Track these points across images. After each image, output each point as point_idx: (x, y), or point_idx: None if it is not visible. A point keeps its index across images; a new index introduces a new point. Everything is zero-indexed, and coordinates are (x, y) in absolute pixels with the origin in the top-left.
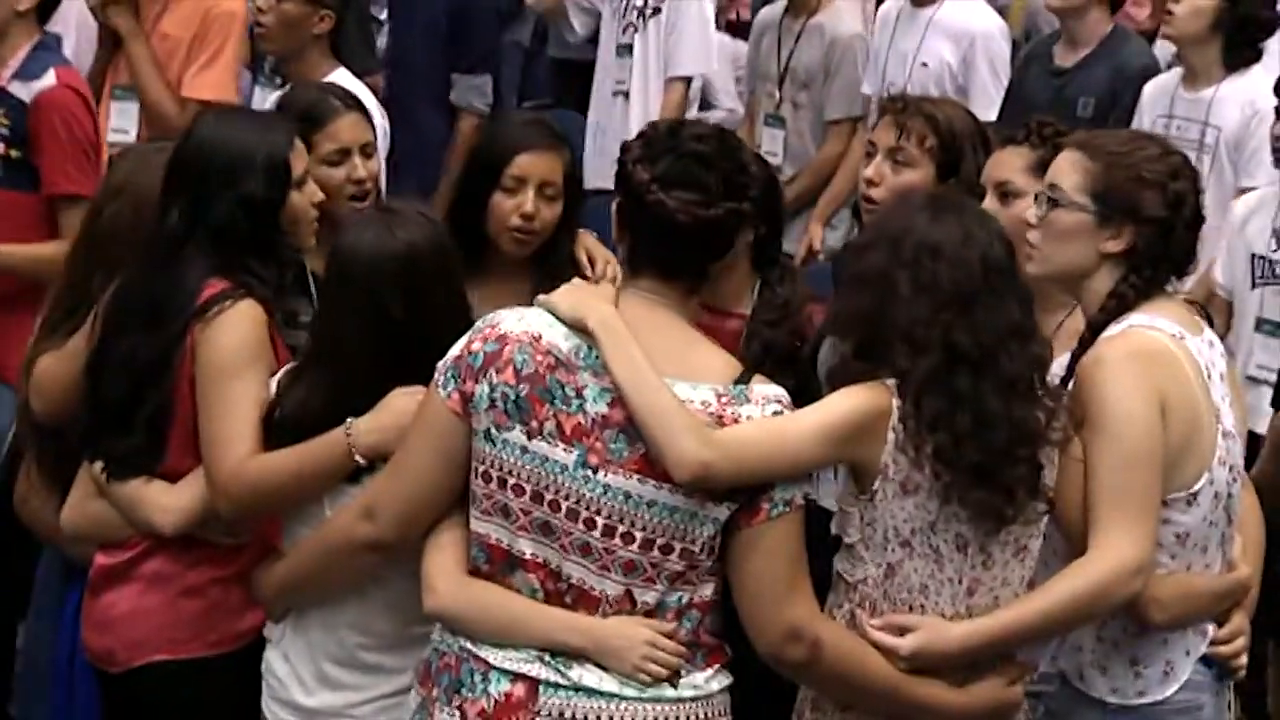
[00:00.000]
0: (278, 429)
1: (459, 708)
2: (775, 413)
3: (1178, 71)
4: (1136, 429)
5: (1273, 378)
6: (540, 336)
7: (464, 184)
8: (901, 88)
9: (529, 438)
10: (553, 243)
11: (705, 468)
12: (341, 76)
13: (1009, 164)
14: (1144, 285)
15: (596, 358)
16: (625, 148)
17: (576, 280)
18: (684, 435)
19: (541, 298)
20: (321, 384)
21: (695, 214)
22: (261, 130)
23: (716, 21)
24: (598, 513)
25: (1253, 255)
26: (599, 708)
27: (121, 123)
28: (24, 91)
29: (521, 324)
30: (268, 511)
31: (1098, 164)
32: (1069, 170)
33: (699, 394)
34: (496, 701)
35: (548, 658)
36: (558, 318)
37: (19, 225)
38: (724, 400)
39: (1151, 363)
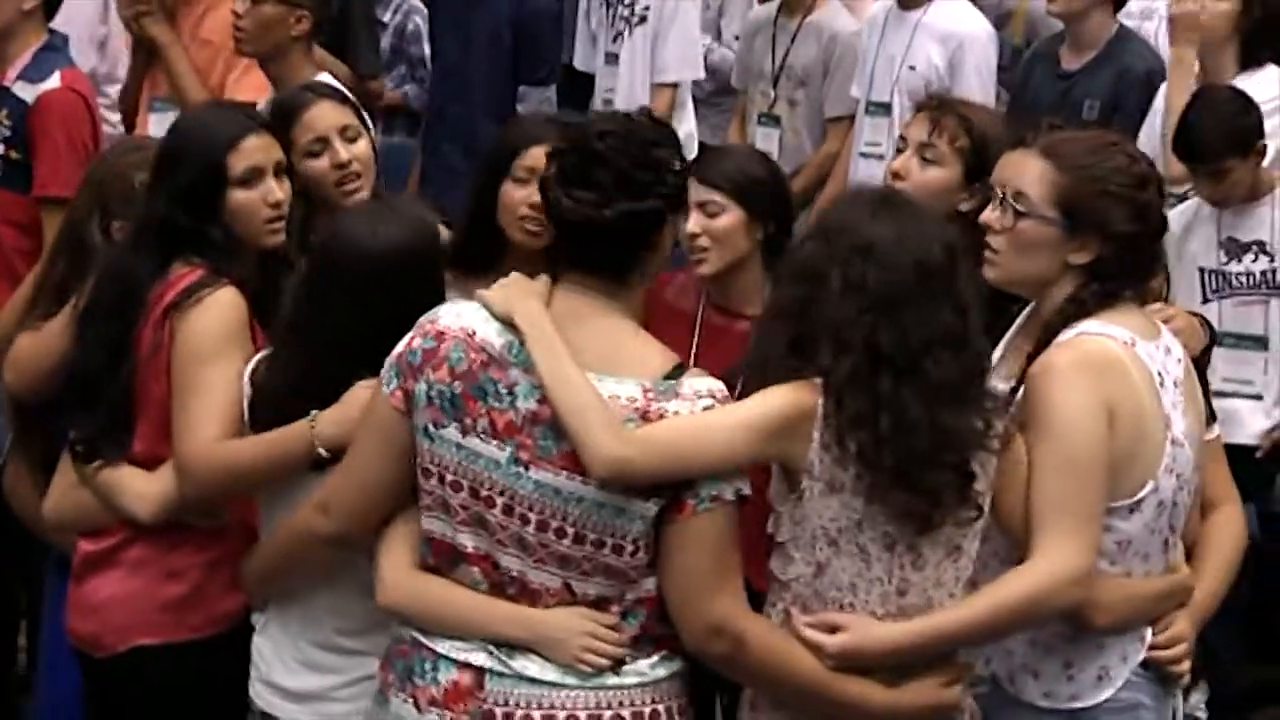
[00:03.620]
0: (249, 411)
1: (412, 694)
2: (706, 407)
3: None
4: (1081, 437)
5: (1242, 389)
6: (475, 333)
7: (478, 177)
8: (889, 90)
9: (463, 434)
10: None
11: (620, 464)
12: (323, 80)
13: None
14: (1104, 293)
15: (527, 354)
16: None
17: (514, 274)
18: (601, 431)
19: (479, 292)
20: (289, 369)
21: (586, 214)
22: (209, 126)
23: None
24: (530, 508)
25: (1201, 270)
26: (540, 696)
27: (161, 134)
28: (28, 92)
29: (459, 320)
30: (231, 496)
31: (1066, 176)
32: (1036, 181)
33: (625, 389)
34: (445, 689)
35: (492, 648)
36: (492, 313)
37: (18, 226)
38: (650, 395)
39: (1099, 371)
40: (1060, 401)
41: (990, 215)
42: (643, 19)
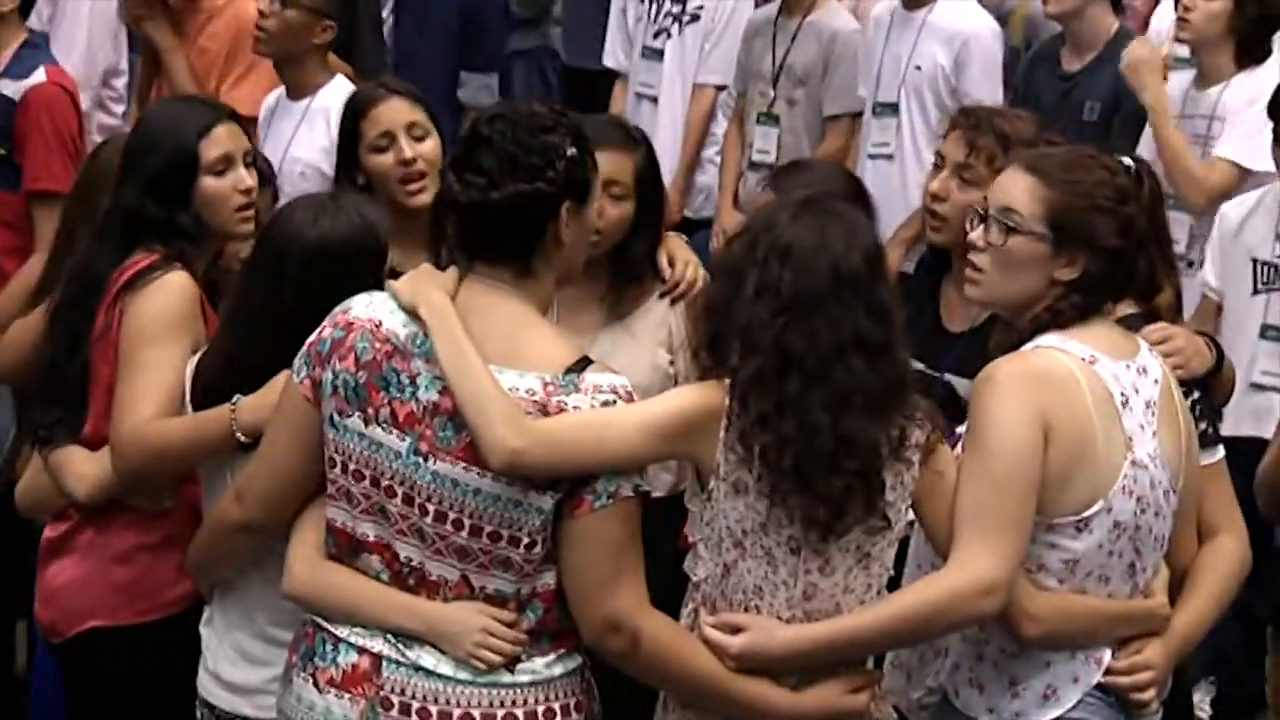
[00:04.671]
0: (191, 392)
1: (311, 674)
2: (606, 402)
3: (1189, 74)
4: (1008, 448)
5: None
6: (381, 323)
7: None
8: (896, 90)
9: (366, 424)
10: (624, 243)
11: (515, 455)
12: (338, 85)
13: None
14: (1082, 307)
15: (430, 345)
16: None
17: (424, 266)
18: (498, 423)
19: (388, 283)
20: (221, 350)
21: (475, 197)
22: (179, 117)
23: None
24: (429, 499)
25: (1255, 261)
26: (436, 689)
27: None
28: (13, 90)
29: (368, 310)
30: (160, 476)
31: (1054, 192)
32: (1024, 197)
33: (525, 382)
34: (344, 671)
35: (390, 636)
36: (399, 304)
37: (6, 224)
38: (550, 389)
39: (1040, 383)
40: (992, 411)
41: (974, 234)
42: (695, 18)
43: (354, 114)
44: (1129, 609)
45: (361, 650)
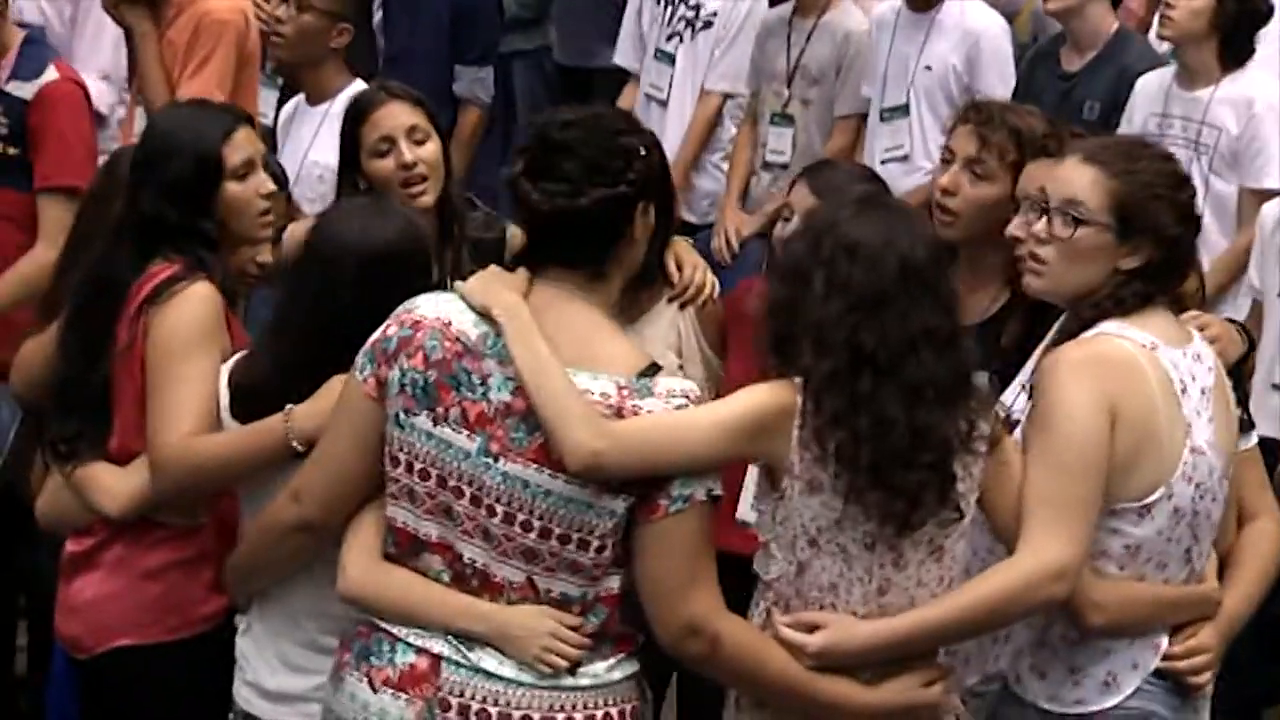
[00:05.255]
0: (230, 406)
1: (366, 674)
2: (679, 406)
3: (1170, 70)
4: (1075, 433)
5: None
6: (450, 323)
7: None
8: (905, 92)
9: (435, 424)
10: None
11: (595, 457)
12: (357, 88)
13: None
14: (1143, 294)
15: (503, 346)
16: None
17: (492, 268)
18: (577, 425)
19: (457, 284)
20: (268, 358)
21: (558, 205)
22: (198, 121)
23: None
24: (497, 500)
25: None
26: (497, 691)
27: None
28: (25, 89)
29: (435, 310)
30: (205, 492)
31: (1117, 182)
32: (1089, 188)
33: (600, 385)
34: (402, 671)
35: (451, 637)
36: (469, 304)
37: (17, 223)
38: (625, 392)
39: (1107, 370)
40: (1060, 397)
41: (1037, 226)
42: (708, 24)
43: (354, 119)
44: (1187, 594)
45: (420, 650)
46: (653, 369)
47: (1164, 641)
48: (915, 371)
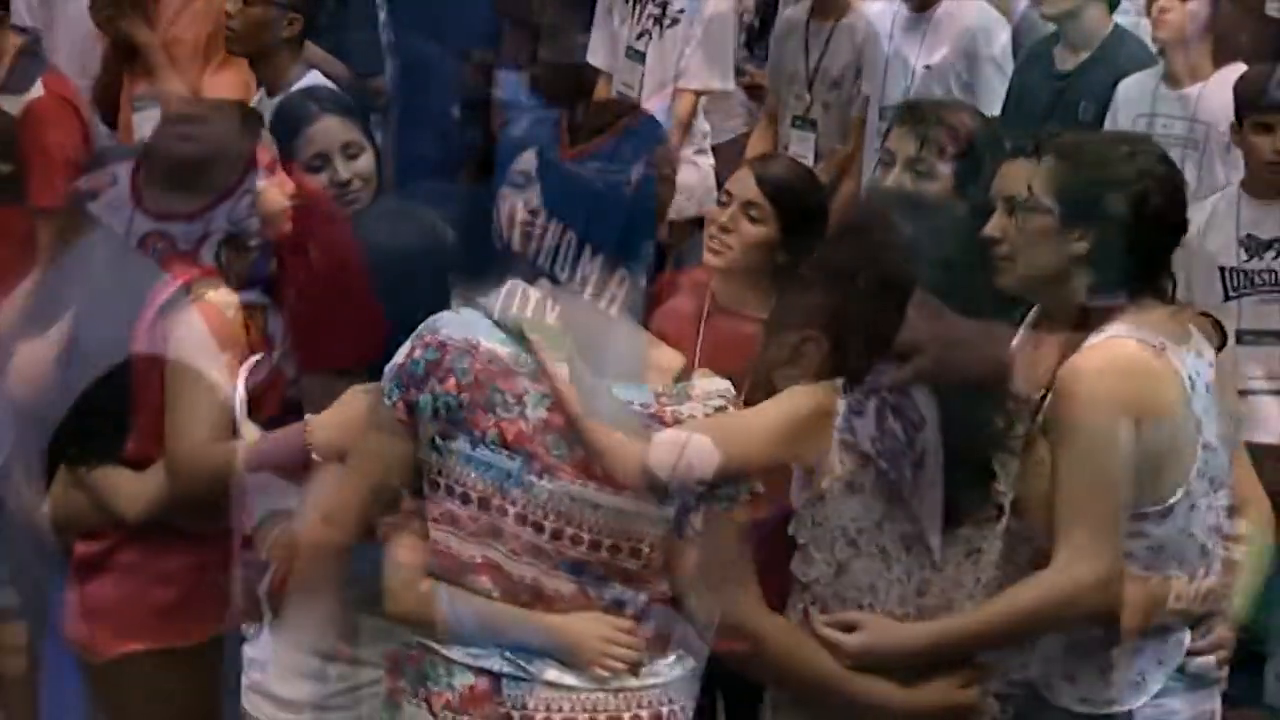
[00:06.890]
0: (248, 412)
1: (425, 699)
2: (718, 408)
3: (1153, 71)
4: (1105, 443)
5: (1268, 385)
6: (479, 344)
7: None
8: (906, 91)
9: (473, 446)
10: None
11: (644, 470)
12: (313, 79)
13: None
14: (1113, 289)
15: (534, 362)
16: None
17: (515, 282)
18: (625, 437)
19: (480, 301)
20: (289, 371)
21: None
22: (231, 122)
23: None
24: (545, 517)
25: (1221, 269)
26: (561, 699)
27: (147, 131)
28: (13, 105)
29: (462, 330)
30: (222, 497)
31: (1062, 164)
32: (1040, 176)
33: (638, 394)
34: (461, 694)
35: (507, 653)
36: (496, 322)
37: (9, 242)
38: (664, 400)
39: (1127, 376)
40: (1084, 407)
41: (996, 224)
42: (674, 21)
43: (287, 131)
44: (1206, 589)
45: (479, 671)
46: (685, 371)
47: (1186, 637)
48: (958, 371)
